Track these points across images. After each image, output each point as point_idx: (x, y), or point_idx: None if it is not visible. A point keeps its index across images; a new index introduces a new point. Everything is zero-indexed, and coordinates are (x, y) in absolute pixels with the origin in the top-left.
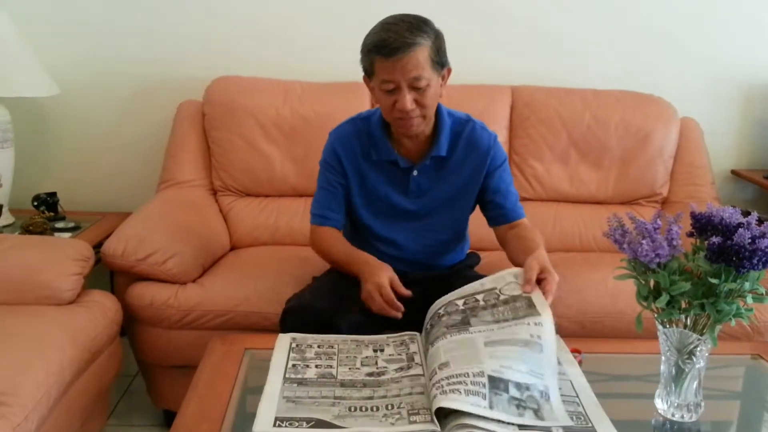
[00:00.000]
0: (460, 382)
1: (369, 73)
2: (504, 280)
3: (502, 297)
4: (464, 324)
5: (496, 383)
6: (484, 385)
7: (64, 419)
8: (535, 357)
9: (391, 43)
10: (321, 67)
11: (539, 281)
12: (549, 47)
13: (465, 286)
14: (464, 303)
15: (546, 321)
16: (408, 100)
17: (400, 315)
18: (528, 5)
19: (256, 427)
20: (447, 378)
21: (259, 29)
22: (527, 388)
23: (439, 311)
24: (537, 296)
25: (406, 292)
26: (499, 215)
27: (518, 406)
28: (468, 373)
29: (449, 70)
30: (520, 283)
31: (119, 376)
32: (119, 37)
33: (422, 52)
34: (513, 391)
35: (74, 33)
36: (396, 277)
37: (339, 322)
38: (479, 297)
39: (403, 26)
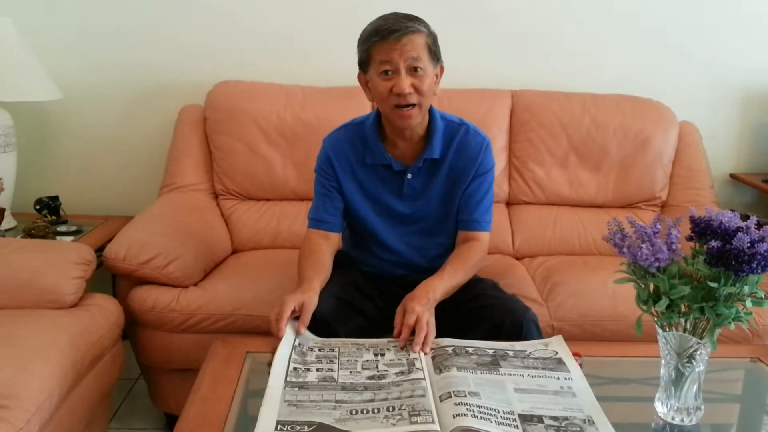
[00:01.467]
0: (491, 414)
1: (365, 63)
2: (534, 346)
3: (532, 355)
4: (494, 365)
5: (529, 418)
6: (515, 420)
7: (66, 423)
8: (569, 400)
9: (390, 26)
10: (322, 71)
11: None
12: (549, 52)
13: (493, 342)
14: (494, 352)
15: (576, 377)
16: (406, 82)
17: (280, 334)
18: (528, 10)
19: (257, 430)
20: (478, 406)
21: (261, 34)
22: (566, 419)
23: (468, 348)
24: (566, 355)
25: (302, 329)
26: (459, 221)
27: (557, 430)
28: (498, 410)
29: (442, 69)
30: (549, 350)
31: (121, 380)
32: (122, 42)
33: (420, 38)
34: (549, 422)
35: (77, 38)
36: (310, 306)
37: (338, 328)
38: (509, 351)
39: (400, 16)
